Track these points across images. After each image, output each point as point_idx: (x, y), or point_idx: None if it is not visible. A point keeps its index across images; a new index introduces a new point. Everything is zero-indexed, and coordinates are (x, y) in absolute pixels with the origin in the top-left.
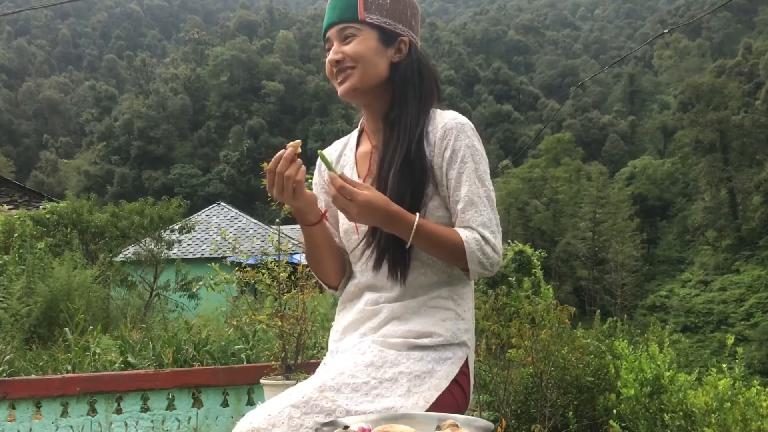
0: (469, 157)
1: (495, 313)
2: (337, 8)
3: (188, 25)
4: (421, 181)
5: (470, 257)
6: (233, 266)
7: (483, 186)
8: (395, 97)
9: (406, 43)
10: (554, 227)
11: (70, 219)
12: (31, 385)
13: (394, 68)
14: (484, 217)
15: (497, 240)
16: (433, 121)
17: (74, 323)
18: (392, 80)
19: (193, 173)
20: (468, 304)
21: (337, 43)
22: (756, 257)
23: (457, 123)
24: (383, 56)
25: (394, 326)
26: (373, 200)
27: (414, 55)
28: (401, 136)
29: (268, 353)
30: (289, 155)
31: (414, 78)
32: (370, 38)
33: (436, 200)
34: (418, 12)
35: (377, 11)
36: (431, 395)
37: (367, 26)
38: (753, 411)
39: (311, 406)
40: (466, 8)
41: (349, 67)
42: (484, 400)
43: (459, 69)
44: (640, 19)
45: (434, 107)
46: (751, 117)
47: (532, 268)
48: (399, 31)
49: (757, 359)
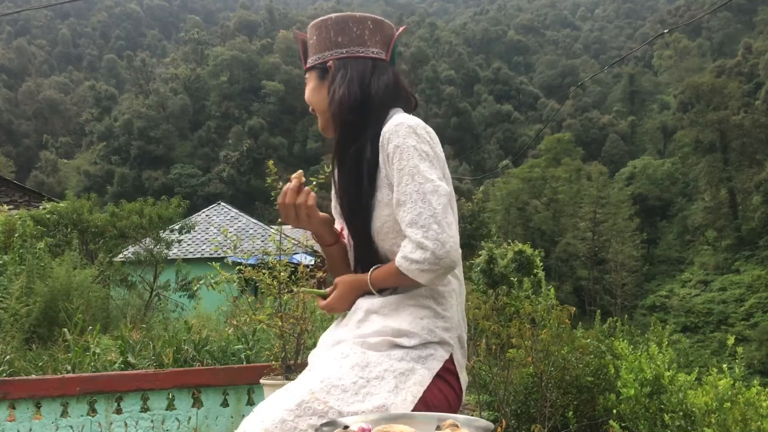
0: (396, 157)
1: (495, 313)
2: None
3: (188, 25)
4: (361, 203)
5: (411, 275)
6: (234, 266)
7: (412, 181)
8: (333, 126)
9: (332, 66)
10: (554, 227)
11: (70, 219)
12: (31, 385)
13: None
14: (411, 214)
15: (429, 233)
16: (384, 129)
17: (74, 323)
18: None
19: (193, 173)
20: (449, 302)
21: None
22: (756, 257)
23: (393, 126)
24: (323, 89)
25: (373, 321)
26: (340, 291)
27: (337, 71)
28: (338, 161)
29: (268, 353)
30: (295, 186)
31: (341, 96)
32: (311, 80)
33: (391, 208)
34: (353, 22)
35: (311, 53)
36: (417, 390)
37: (309, 71)
38: (753, 411)
39: (303, 408)
40: (466, 8)
41: (312, 111)
42: (484, 400)
43: (459, 69)
44: (640, 19)
45: (393, 112)
46: (751, 117)
47: (533, 268)
48: (326, 59)
49: (757, 359)
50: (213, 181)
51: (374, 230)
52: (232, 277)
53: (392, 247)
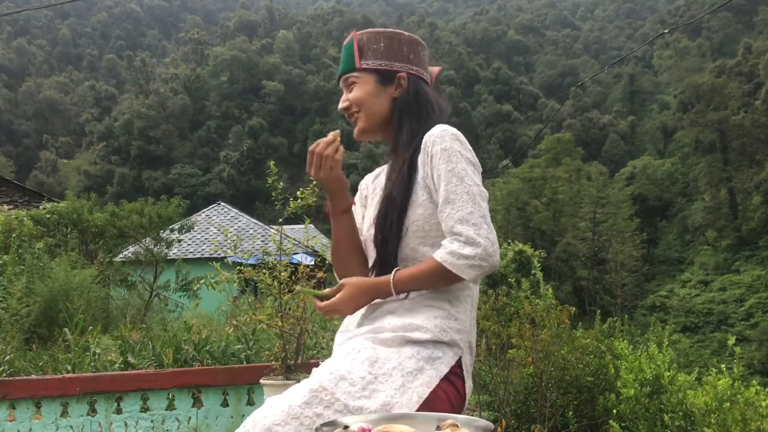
0: (444, 159)
1: (495, 313)
2: (342, 62)
3: (188, 25)
4: (405, 198)
5: (457, 270)
6: (234, 266)
7: (462, 183)
8: (395, 127)
9: (405, 78)
10: (554, 227)
11: (70, 219)
12: (31, 385)
13: (395, 102)
14: (461, 211)
15: (480, 231)
16: (426, 134)
17: (74, 323)
18: (393, 114)
19: (193, 173)
20: (464, 306)
21: (345, 92)
22: (756, 257)
23: (439, 131)
24: (383, 95)
25: (388, 320)
26: (350, 294)
27: (412, 86)
28: (397, 163)
29: (268, 353)
30: (329, 140)
31: (410, 107)
32: (368, 82)
33: (431, 207)
34: (418, 45)
35: (372, 57)
36: (423, 392)
37: (365, 72)
38: (753, 411)
39: (311, 397)
40: (466, 8)
41: (356, 111)
42: (484, 400)
43: (459, 69)
44: (640, 19)
45: (437, 124)
46: (751, 117)
47: (532, 269)
48: (395, 68)
49: (757, 359)
50: (213, 181)
51: (404, 228)
52: (232, 277)
53: (418, 245)
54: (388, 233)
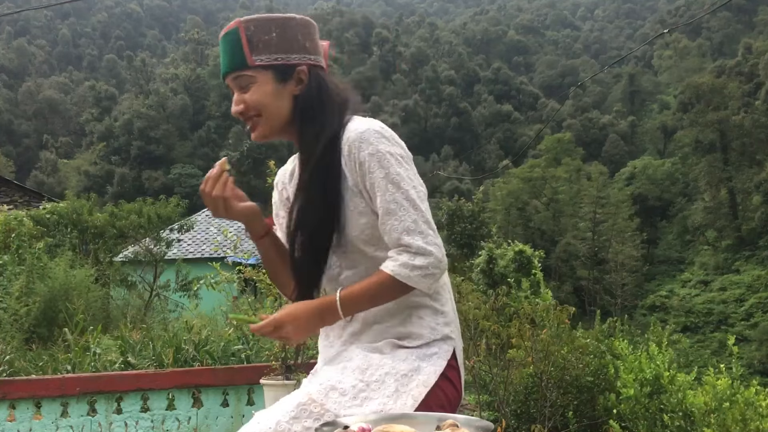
0: (375, 165)
1: (495, 313)
2: (226, 56)
3: (188, 25)
4: (327, 204)
5: (411, 282)
6: (234, 266)
7: (398, 189)
8: (299, 128)
9: (305, 71)
10: (554, 227)
11: (70, 219)
12: (31, 385)
13: (296, 100)
14: (405, 221)
15: (427, 239)
16: (345, 135)
17: (74, 323)
18: (294, 112)
19: (193, 173)
20: (445, 297)
21: (237, 93)
22: (756, 257)
23: (358, 134)
24: (283, 94)
25: (375, 331)
26: (293, 311)
27: (314, 80)
28: (303, 167)
29: (268, 353)
30: (215, 175)
31: (314, 103)
32: (265, 82)
33: (369, 216)
34: (311, 28)
35: (265, 50)
36: (420, 392)
37: (260, 69)
38: (752, 411)
39: (300, 410)
40: (466, 8)
41: (254, 115)
42: (484, 400)
43: (459, 69)
44: (640, 19)
45: (347, 118)
46: (751, 117)
47: (532, 269)
48: (293, 62)
49: (757, 359)
50: None
51: (350, 239)
52: (232, 277)
53: (374, 253)
54: (322, 253)
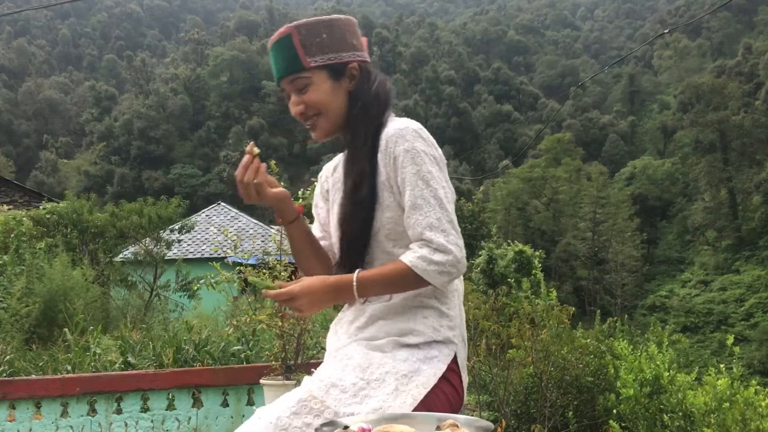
0: (408, 161)
1: (495, 313)
2: (280, 61)
3: (188, 25)
4: (370, 200)
5: (427, 276)
6: (234, 266)
7: (428, 186)
8: (351, 122)
9: (357, 67)
10: (554, 227)
11: (70, 219)
12: (31, 385)
13: (352, 96)
14: (430, 218)
15: (449, 237)
16: (384, 131)
17: (74, 323)
18: (351, 107)
19: (193, 173)
20: (453, 302)
21: (295, 95)
22: (756, 257)
23: (397, 130)
24: (339, 91)
25: (379, 326)
26: (310, 284)
27: (365, 75)
28: (350, 160)
29: (268, 353)
30: (245, 163)
31: (367, 97)
32: (322, 81)
33: (397, 210)
34: (354, 25)
35: (318, 52)
36: (419, 393)
37: (315, 70)
38: (752, 411)
39: (300, 406)
40: (466, 8)
41: (314, 114)
42: (484, 400)
43: (459, 69)
44: (640, 19)
45: (389, 117)
46: (751, 117)
47: (533, 269)
48: (345, 59)
49: (757, 359)
50: (213, 181)
51: (373, 232)
52: (232, 277)
53: (392, 249)
54: (354, 236)
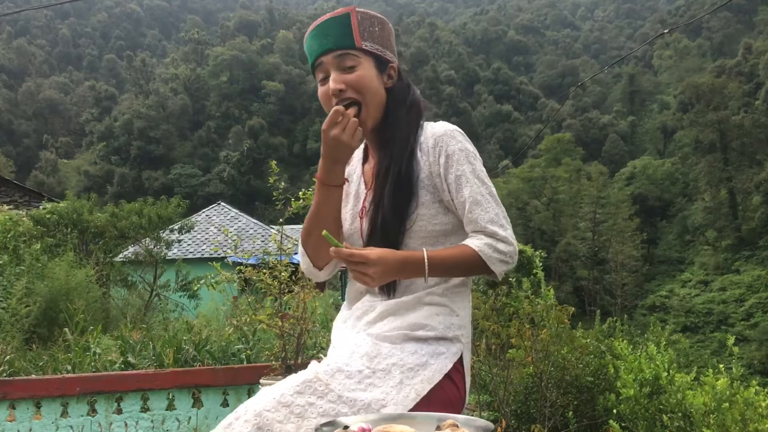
0: (464, 159)
1: (495, 313)
2: (330, 35)
3: (188, 25)
4: (405, 194)
5: (490, 262)
6: (234, 266)
7: (483, 184)
8: (388, 119)
9: (395, 69)
10: (554, 227)
11: (69, 219)
12: (31, 385)
13: (391, 94)
14: (490, 213)
15: (508, 232)
16: (423, 132)
17: (74, 323)
18: (392, 104)
19: (193, 173)
20: (463, 302)
21: (337, 72)
22: (756, 257)
23: (447, 130)
24: (381, 84)
25: (389, 321)
26: (383, 253)
27: (404, 79)
28: (395, 157)
29: (268, 353)
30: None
31: (406, 101)
32: (369, 67)
33: (434, 208)
34: (393, 35)
35: (370, 39)
36: (423, 388)
37: (364, 53)
38: (752, 411)
39: (304, 386)
40: (466, 8)
41: (350, 96)
42: (484, 400)
43: (459, 69)
44: (640, 19)
45: (422, 121)
46: (751, 117)
47: (533, 269)
48: (388, 57)
49: (757, 359)
50: (213, 181)
51: (404, 228)
52: (232, 277)
53: (420, 246)
54: (389, 234)
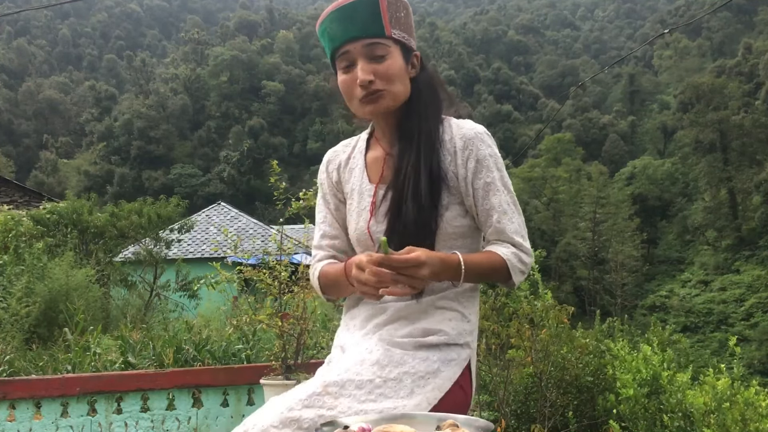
0: (493, 166)
1: (494, 313)
2: (357, 20)
3: (188, 25)
4: (437, 191)
5: (513, 272)
6: (234, 266)
7: (509, 193)
8: (412, 110)
9: (418, 58)
10: (554, 227)
11: (70, 219)
12: (31, 385)
13: (415, 84)
14: (515, 224)
15: (527, 242)
16: (448, 129)
17: (74, 323)
18: (417, 96)
19: (193, 173)
20: (473, 308)
21: (365, 62)
22: (756, 257)
23: (477, 133)
24: (406, 73)
25: (401, 325)
26: (430, 254)
27: (427, 69)
28: (421, 148)
29: (268, 353)
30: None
31: (429, 92)
32: (397, 56)
33: (455, 209)
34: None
35: (397, 26)
36: (434, 396)
37: (393, 42)
38: (752, 411)
39: (313, 400)
40: (466, 8)
41: (378, 89)
42: (484, 400)
43: (459, 69)
44: (640, 19)
45: (445, 115)
46: (751, 117)
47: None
48: (412, 45)
49: (757, 359)
50: (213, 181)
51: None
52: (232, 277)
53: (441, 249)
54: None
